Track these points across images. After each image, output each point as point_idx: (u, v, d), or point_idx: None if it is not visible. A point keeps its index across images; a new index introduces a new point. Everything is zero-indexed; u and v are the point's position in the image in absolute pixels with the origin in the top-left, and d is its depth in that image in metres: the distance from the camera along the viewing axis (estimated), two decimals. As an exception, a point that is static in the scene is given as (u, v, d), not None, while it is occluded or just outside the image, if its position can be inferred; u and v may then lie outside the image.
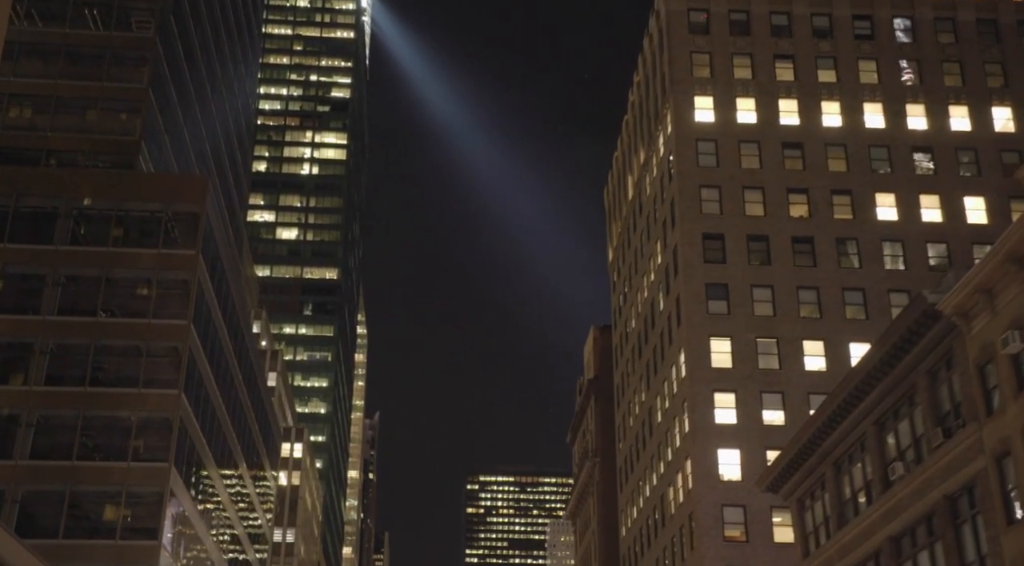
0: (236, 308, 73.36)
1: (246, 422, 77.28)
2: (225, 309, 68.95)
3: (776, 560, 58.70)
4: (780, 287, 65.20)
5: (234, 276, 72.92)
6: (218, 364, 67.31)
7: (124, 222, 62.72)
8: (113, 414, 58.42)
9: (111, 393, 58.53)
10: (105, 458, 57.59)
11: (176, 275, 61.62)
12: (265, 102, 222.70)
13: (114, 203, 62.34)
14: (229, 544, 72.25)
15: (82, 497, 57.01)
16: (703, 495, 60.07)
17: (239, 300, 74.99)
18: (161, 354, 60.39)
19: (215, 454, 66.88)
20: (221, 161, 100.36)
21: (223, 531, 69.92)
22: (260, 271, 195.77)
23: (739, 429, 61.75)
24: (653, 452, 72.22)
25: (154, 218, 62.64)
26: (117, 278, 61.23)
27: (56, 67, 69.91)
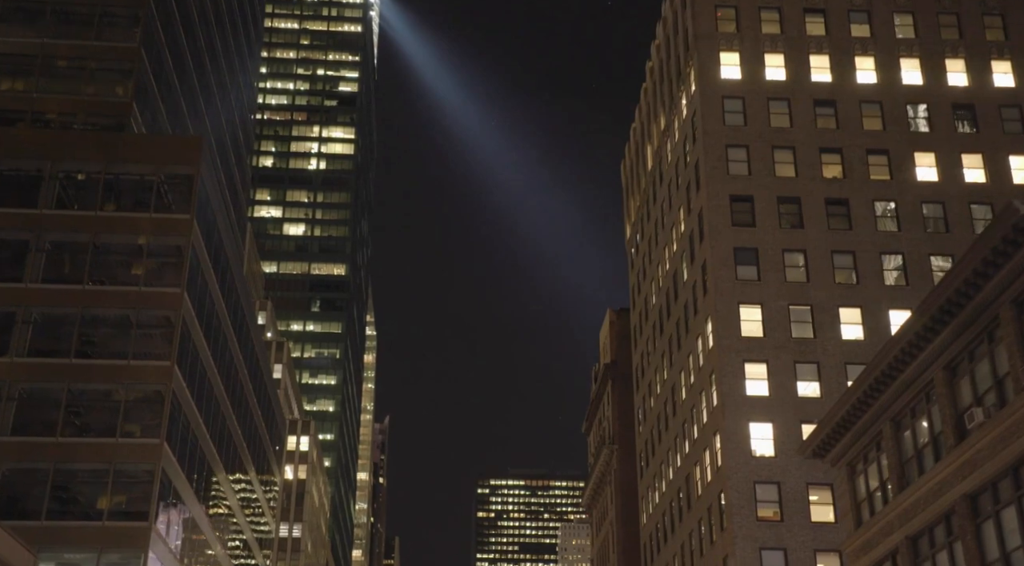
0: (235, 282, 69.40)
1: (247, 404, 73.23)
2: (223, 282, 65.01)
3: (814, 540, 54.58)
4: (813, 251, 61.07)
5: (233, 248, 68.97)
6: (215, 339, 63.35)
7: (113, 185, 58.82)
8: (101, 388, 54.55)
9: (99, 365, 54.62)
10: (93, 434, 53.69)
11: (169, 241, 57.72)
12: (271, 97, 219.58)
13: (103, 165, 58.43)
14: (228, 531, 68.10)
15: (67, 476, 53.06)
16: (734, 472, 55.89)
17: (238, 274, 71.01)
18: (153, 324, 56.53)
19: (212, 434, 62.85)
20: (222, 140, 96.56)
21: (221, 513, 65.71)
22: (267, 267, 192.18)
23: (771, 402, 57.59)
24: (677, 432, 68.05)
25: (145, 181, 58.74)
26: (106, 244, 57.33)
27: (44, 26, 66.15)
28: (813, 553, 54.27)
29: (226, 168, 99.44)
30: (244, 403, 72.84)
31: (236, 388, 69.95)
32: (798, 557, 54.11)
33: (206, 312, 61.25)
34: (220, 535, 65.35)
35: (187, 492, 57.29)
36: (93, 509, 52.58)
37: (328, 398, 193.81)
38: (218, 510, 65.45)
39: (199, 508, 60.00)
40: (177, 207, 58.62)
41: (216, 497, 64.90)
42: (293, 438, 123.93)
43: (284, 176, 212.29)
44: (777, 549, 54.28)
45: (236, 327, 69.42)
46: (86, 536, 51.45)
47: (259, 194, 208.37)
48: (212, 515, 63.47)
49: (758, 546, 54.31)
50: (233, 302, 68.98)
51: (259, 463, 78.80)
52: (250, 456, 74.78)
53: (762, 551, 54.18)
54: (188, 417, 57.60)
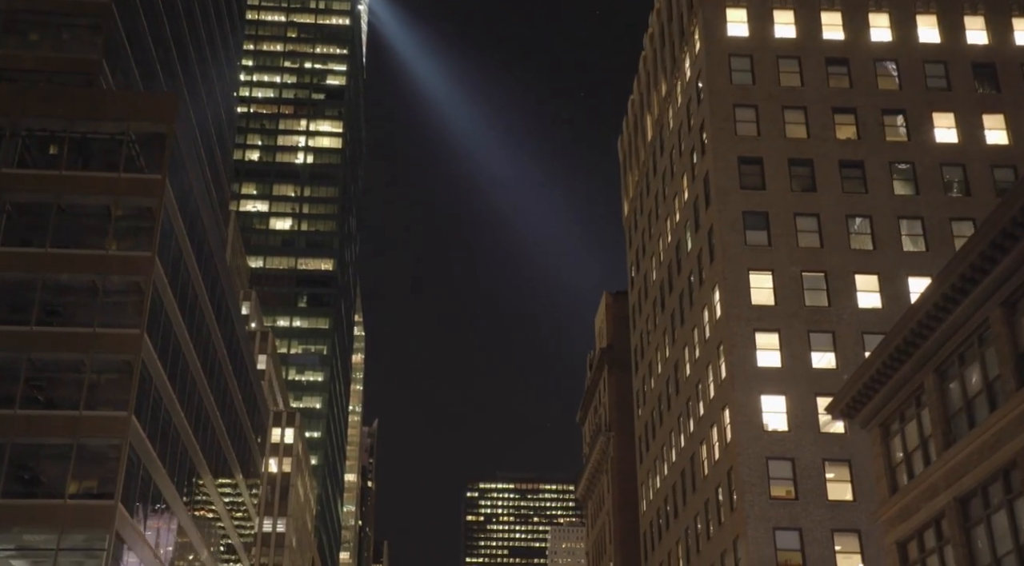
0: (214, 256, 65.43)
1: (226, 386, 69.17)
2: (200, 252, 61.07)
3: (831, 519, 50.87)
4: (827, 216, 57.44)
5: (211, 218, 64.98)
6: (191, 312, 59.37)
7: (79, 144, 54.87)
8: (65, 358, 50.53)
9: (62, 333, 50.58)
10: (55, 407, 49.70)
11: (139, 202, 53.76)
12: (258, 90, 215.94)
13: (68, 123, 54.50)
14: (206, 516, 64.06)
15: (27, 452, 48.99)
16: (745, 447, 52.15)
17: (217, 248, 67.00)
18: (120, 290, 52.64)
19: (188, 413, 58.86)
20: (202, 113, 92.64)
21: (198, 498, 61.63)
22: (253, 262, 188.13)
23: (784, 373, 53.88)
24: (680, 411, 64.32)
25: (114, 140, 54.77)
26: (71, 206, 53.37)
27: (8, -20, 62.25)
28: (830, 533, 50.60)
29: (205, 142, 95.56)
30: (223, 384, 68.82)
31: (215, 368, 65.96)
32: (814, 537, 50.43)
33: (180, 281, 57.33)
34: (195, 518, 61.27)
35: (158, 472, 53.31)
36: (55, 487, 48.55)
37: (315, 395, 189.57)
38: (194, 493, 61.41)
39: (172, 489, 56.02)
40: (149, 167, 54.75)
41: (192, 480, 60.89)
42: (277, 430, 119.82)
43: (270, 170, 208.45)
44: (792, 529, 50.59)
45: (215, 304, 65.45)
46: (47, 516, 47.47)
47: (245, 188, 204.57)
48: (187, 498, 59.44)
49: (771, 526, 50.58)
50: (212, 277, 65.06)
51: (240, 449, 74.74)
52: (230, 441, 70.77)
53: (776, 531, 50.47)
54: (160, 392, 53.65)
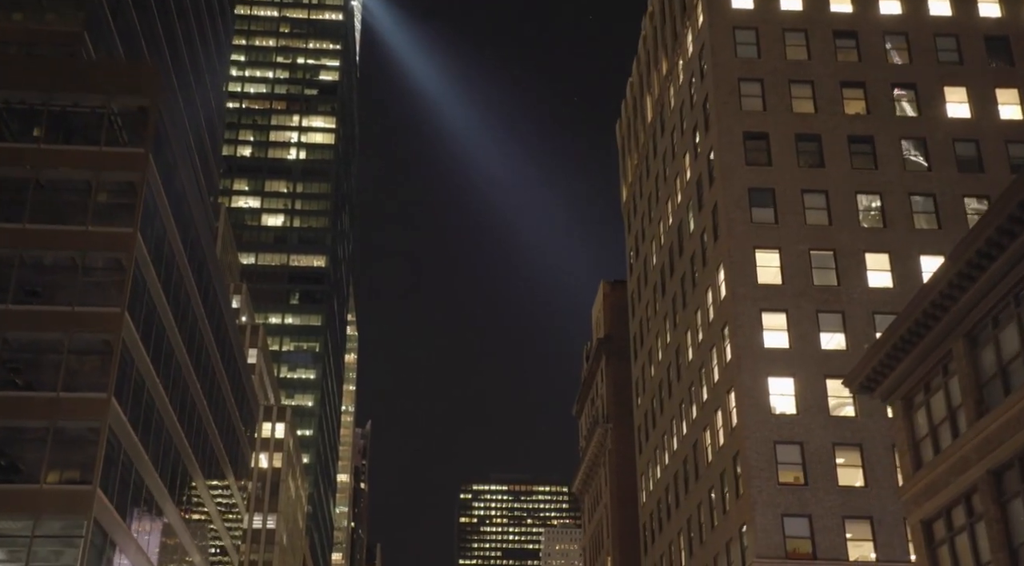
0: (200, 237, 63.17)
1: (214, 373, 66.87)
2: (185, 234, 58.87)
3: (842, 506, 48.81)
4: (836, 192, 55.41)
5: (196, 196, 62.72)
6: (176, 294, 57.13)
7: (60, 117, 52.73)
8: (42, 337, 48.37)
9: (40, 312, 48.46)
10: (31, 388, 47.49)
11: (121, 177, 51.64)
12: (250, 85, 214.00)
13: (47, 95, 52.34)
14: (191, 505, 61.77)
15: (2, 435, 46.89)
16: (752, 431, 50.04)
17: (204, 232, 64.69)
18: (101, 268, 50.49)
19: (173, 399, 56.60)
20: (190, 99, 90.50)
21: (181, 484, 59.27)
22: (244, 258, 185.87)
23: (792, 354, 51.81)
24: (682, 397, 62.23)
25: (95, 113, 52.63)
26: (49, 181, 51.22)
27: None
28: (841, 520, 48.52)
29: (196, 139, 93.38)
30: (211, 372, 66.50)
31: (202, 354, 63.65)
32: (824, 524, 48.35)
33: (165, 262, 55.13)
34: (181, 510, 58.97)
35: (140, 458, 51.08)
36: (31, 472, 46.34)
37: (307, 393, 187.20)
38: (180, 484, 59.11)
39: (155, 477, 53.78)
40: (131, 141, 52.61)
41: (177, 469, 58.60)
42: (268, 425, 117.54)
43: (263, 166, 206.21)
44: (801, 516, 48.51)
45: (202, 288, 63.15)
46: (22, 502, 45.36)
47: (237, 184, 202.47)
48: (171, 487, 57.16)
49: (780, 513, 48.48)
50: (199, 260, 62.80)
51: (228, 441, 72.38)
52: (218, 431, 68.45)
53: (784, 518, 48.39)
54: (143, 375, 51.46)
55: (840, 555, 47.83)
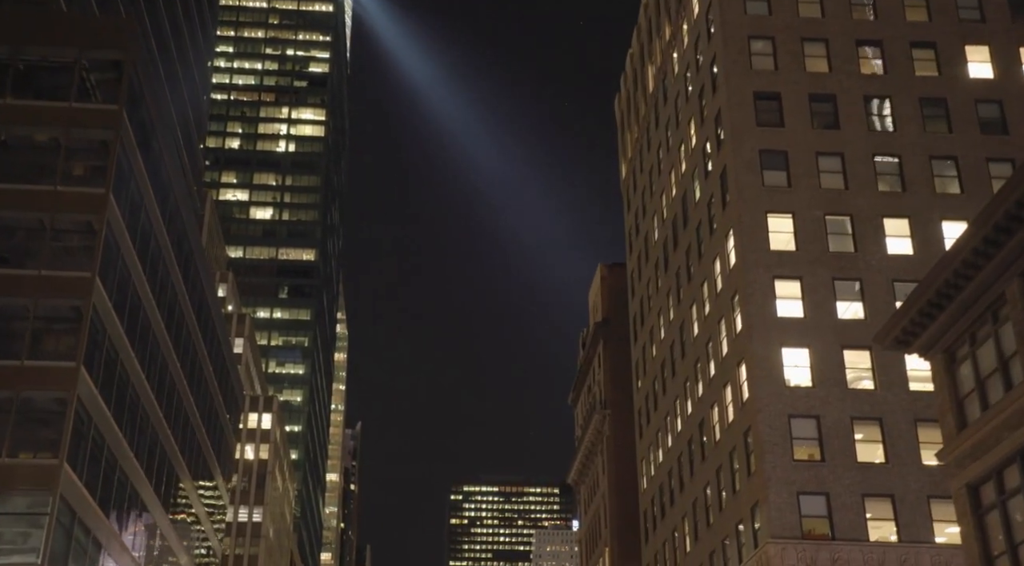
0: (180, 208, 59.87)
1: (194, 349, 63.55)
2: (164, 199, 55.64)
3: (861, 484, 45.75)
4: (852, 155, 52.40)
5: (175, 163, 59.48)
6: (152, 262, 53.81)
7: (27, 72, 49.48)
8: (6, 302, 45.07)
9: (3, 276, 45.17)
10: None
11: (93, 135, 48.43)
12: (239, 77, 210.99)
13: (14, 48, 49.09)
14: (167, 486, 58.35)
15: (-38, 405, 43.64)
16: (765, 404, 46.95)
17: (183, 200, 61.39)
18: (70, 230, 47.30)
19: (149, 372, 53.31)
20: (173, 75, 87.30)
21: (158, 464, 55.87)
22: (233, 252, 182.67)
23: (807, 324, 48.75)
24: (687, 375, 59.16)
25: (66, 68, 49.38)
26: (15, 138, 48.03)
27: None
28: (860, 498, 45.45)
29: (181, 119, 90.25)
30: (192, 350, 63.19)
31: (181, 330, 60.33)
32: (843, 503, 45.29)
33: (141, 228, 51.87)
34: (157, 491, 55.61)
35: (112, 434, 47.80)
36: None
37: (296, 388, 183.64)
38: (157, 464, 55.78)
39: (129, 455, 50.47)
40: (104, 98, 49.40)
41: (155, 449, 55.28)
42: (254, 416, 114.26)
43: (251, 158, 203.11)
44: (818, 494, 45.44)
45: (181, 262, 59.85)
46: (-17, 476, 42.05)
47: (225, 176, 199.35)
48: (147, 468, 53.83)
49: (795, 490, 45.39)
50: (178, 232, 59.44)
51: (211, 425, 69.05)
52: (199, 414, 65.13)
53: (800, 496, 45.30)
54: (116, 346, 48.21)
55: (860, 535, 44.80)
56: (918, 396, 47.28)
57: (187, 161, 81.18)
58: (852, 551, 44.28)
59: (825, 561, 44.09)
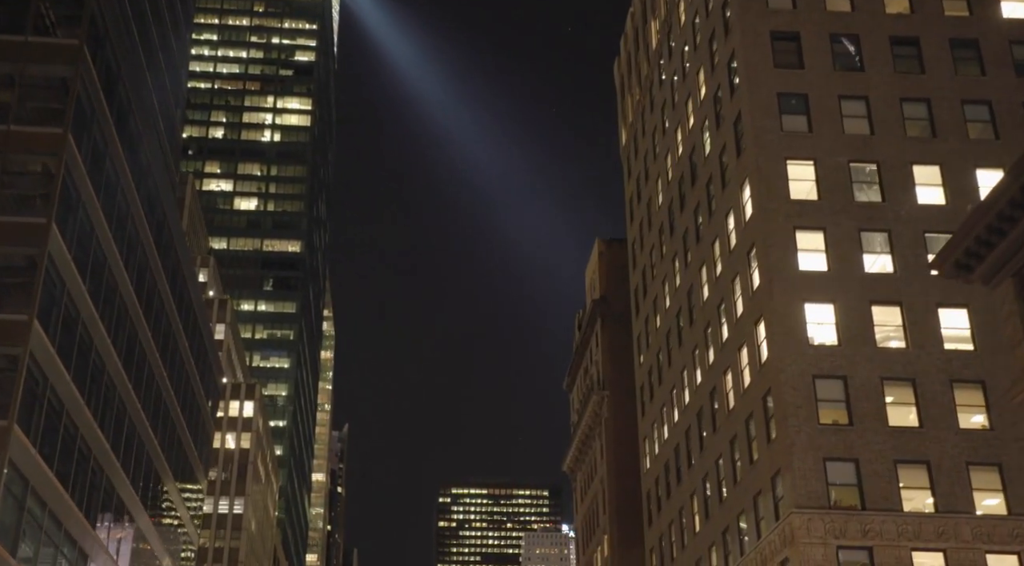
0: (151, 165, 55.52)
1: (167, 319, 59.12)
2: (132, 149, 51.35)
3: (893, 449, 41.74)
4: (878, 99, 48.41)
5: (146, 116, 55.15)
6: (119, 217, 49.50)
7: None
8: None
9: (-49, 221, 40.97)
10: (-63, 310, 40.03)
11: (51, 72, 44.21)
12: (223, 65, 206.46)
13: (-37, -21, 44.91)
14: (138, 460, 53.91)
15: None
16: (787, 364, 42.88)
17: (153, 154, 56.94)
18: (23, 173, 43.08)
19: (114, 335, 48.98)
20: (150, 47, 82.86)
21: (125, 432, 51.41)
22: (216, 243, 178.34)
23: (831, 278, 44.72)
24: (695, 343, 55.11)
25: (21, 0, 45.24)
26: (-34, 74, 43.78)
27: None
28: (892, 465, 41.42)
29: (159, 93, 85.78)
30: (164, 319, 58.78)
31: (153, 299, 55.94)
32: (873, 470, 41.23)
33: (105, 176, 47.56)
34: (123, 464, 51.20)
35: (71, 397, 43.50)
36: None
37: (280, 382, 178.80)
38: (123, 435, 51.37)
39: (92, 426, 46.19)
40: (63, 31, 45.16)
41: (122, 417, 50.93)
42: (236, 404, 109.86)
43: (235, 148, 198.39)
44: (847, 460, 41.39)
45: (153, 222, 55.45)
46: (-77, 441, 37.73)
47: (209, 166, 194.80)
48: (115, 440, 49.48)
49: (821, 456, 41.31)
50: (149, 189, 55.13)
51: (186, 402, 64.60)
52: (172, 389, 60.74)
53: (827, 463, 41.25)
54: (76, 302, 43.91)
55: (892, 505, 40.75)
56: (953, 355, 43.37)
57: (162, 124, 76.60)
58: (884, 522, 40.26)
59: (855, 533, 40.06)
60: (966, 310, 44.11)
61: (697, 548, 53.42)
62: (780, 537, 41.36)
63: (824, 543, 39.69)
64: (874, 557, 39.70)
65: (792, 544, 40.17)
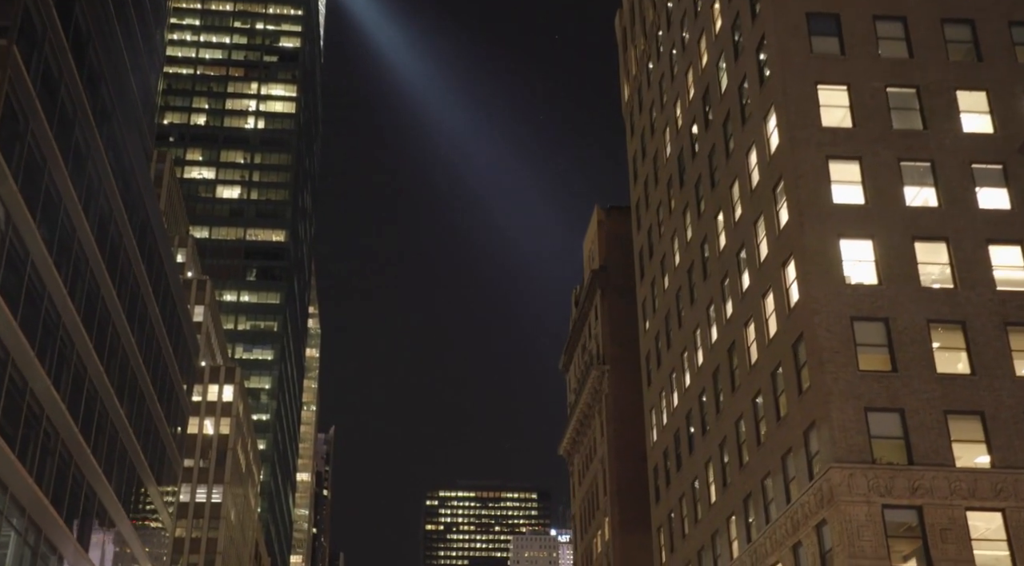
0: (114, 101, 50.45)
1: (131, 268, 53.87)
2: (92, 83, 46.37)
3: (943, 399, 37.10)
4: (917, 20, 43.80)
5: (107, 44, 50.11)
6: (77, 158, 44.45)
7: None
8: None
9: None
10: None
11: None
12: (206, 51, 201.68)
13: None
14: (101, 427, 48.87)
15: None
16: (822, 305, 38.23)
17: (119, 88, 51.83)
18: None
19: (71, 287, 43.98)
20: None
21: (88, 401, 46.42)
22: (198, 232, 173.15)
23: (870, 212, 40.10)
24: (711, 297, 50.47)
25: None
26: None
27: None
28: (942, 416, 36.75)
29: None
30: (130, 276, 53.72)
31: (120, 253, 51.00)
32: (921, 421, 36.57)
33: (60, 106, 42.56)
34: (82, 431, 46.21)
35: (23, 354, 38.62)
36: None
37: (264, 375, 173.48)
38: (82, 398, 46.38)
39: (46, 384, 41.26)
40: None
41: (80, 378, 45.96)
42: (215, 387, 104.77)
43: (218, 135, 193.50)
44: (890, 411, 36.72)
45: (115, 159, 50.51)
46: None
47: (190, 154, 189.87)
48: (72, 402, 44.50)
49: (862, 406, 36.64)
50: (114, 132, 50.11)
51: (156, 369, 59.58)
52: (139, 354, 55.74)
53: (868, 413, 36.59)
54: (24, 240, 39.02)
55: (944, 460, 36.09)
56: (1008, 297, 38.82)
57: (132, 73, 71.49)
58: (935, 478, 35.60)
59: (902, 490, 35.39)
60: (1020, 247, 39.60)
61: (713, 521, 48.73)
62: (816, 497, 36.68)
63: (867, 502, 35.04)
64: (924, 517, 35.05)
65: (831, 503, 35.49)
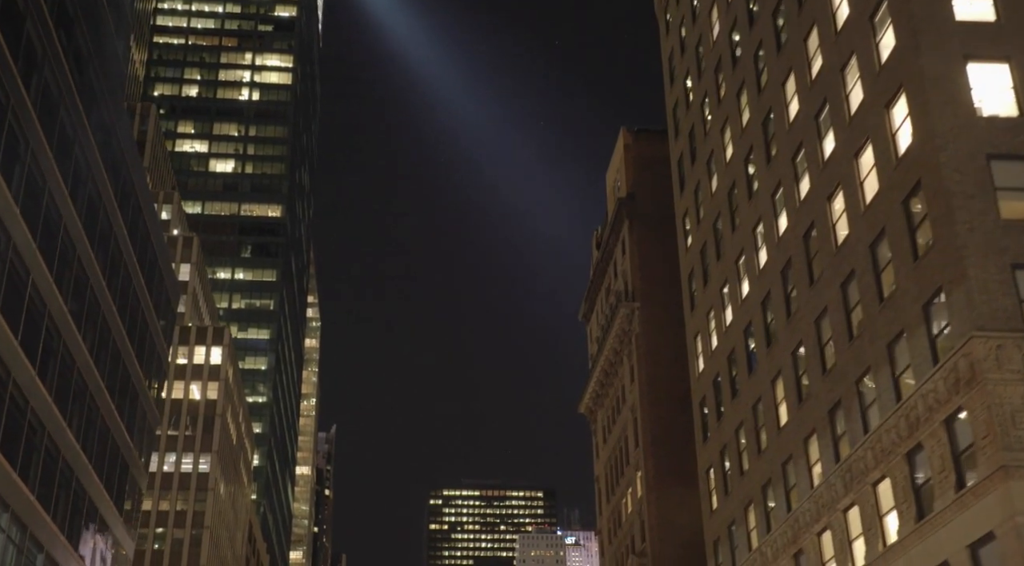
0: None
1: (99, 196, 45.24)
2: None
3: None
4: None
5: None
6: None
7: None
8: None
9: None
10: None
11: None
12: (197, 20, 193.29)
13: None
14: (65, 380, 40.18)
15: None
16: (948, 141, 29.75)
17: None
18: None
19: (28, 217, 35.38)
20: None
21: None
22: (191, 208, 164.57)
23: (1004, 29, 31.59)
24: (777, 180, 41.99)
25: None
26: None
27: None
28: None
29: None
30: (95, 202, 44.81)
31: (87, 185, 42.43)
32: (1088, 285, 28.08)
33: (26, 40, 34.27)
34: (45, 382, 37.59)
35: None
36: None
37: (260, 355, 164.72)
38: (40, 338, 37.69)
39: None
40: None
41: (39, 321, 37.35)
42: (202, 349, 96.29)
43: (211, 107, 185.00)
44: (1044, 267, 28.27)
45: (87, 99, 41.80)
46: None
47: (182, 126, 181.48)
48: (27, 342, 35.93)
49: (1007, 263, 28.18)
50: (77, 44, 41.40)
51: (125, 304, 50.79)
52: (106, 283, 46.98)
53: (1015, 271, 28.11)
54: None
55: (1119, 327, 27.58)
56: None
57: None
58: (1111, 349, 27.10)
59: (1067, 366, 26.92)
60: None
61: (784, 446, 40.23)
62: (947, 382, 28.17)
63: (1023, 379, 26.61)
64: (1098, 399, 26.57)
65: (973, 384, 27.01)
